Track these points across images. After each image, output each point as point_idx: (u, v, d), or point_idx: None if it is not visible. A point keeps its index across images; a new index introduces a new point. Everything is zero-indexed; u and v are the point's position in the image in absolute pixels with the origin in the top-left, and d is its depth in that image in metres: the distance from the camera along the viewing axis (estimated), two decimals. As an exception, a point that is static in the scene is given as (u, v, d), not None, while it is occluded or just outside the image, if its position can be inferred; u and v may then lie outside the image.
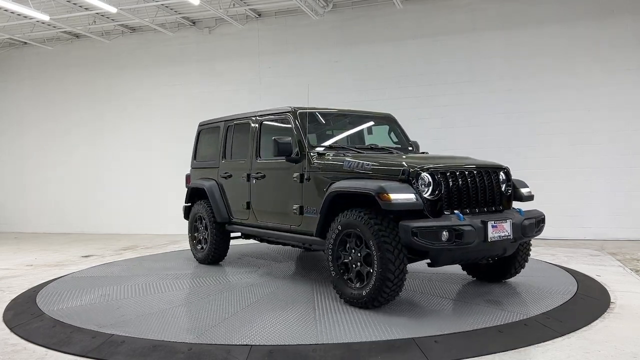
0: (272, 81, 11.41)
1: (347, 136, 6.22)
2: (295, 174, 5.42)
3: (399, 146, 6.19)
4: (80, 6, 10.62)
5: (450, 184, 4.54)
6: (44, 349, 3.91)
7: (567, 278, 5.72)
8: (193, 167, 7.58)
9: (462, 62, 10.14)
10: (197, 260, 7.20)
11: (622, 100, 9.26)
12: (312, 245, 5.54)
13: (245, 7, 10.88)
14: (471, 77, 10.08)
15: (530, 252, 5.45)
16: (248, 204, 6.25)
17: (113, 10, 9.94)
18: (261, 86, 11.48)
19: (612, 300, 4.87)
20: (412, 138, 6.82)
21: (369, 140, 6.24)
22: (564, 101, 9.56)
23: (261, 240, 6.71)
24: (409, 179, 4.43)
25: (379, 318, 4.26)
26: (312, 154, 5.34)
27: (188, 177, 7.66)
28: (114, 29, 12.28)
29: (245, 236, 6.83)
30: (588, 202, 9.42)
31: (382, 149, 5.86)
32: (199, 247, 7.19)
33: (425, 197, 4.41)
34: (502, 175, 4.97)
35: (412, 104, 10.36)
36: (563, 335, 3.89)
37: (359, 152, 5.46)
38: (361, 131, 6.37)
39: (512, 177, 5.13)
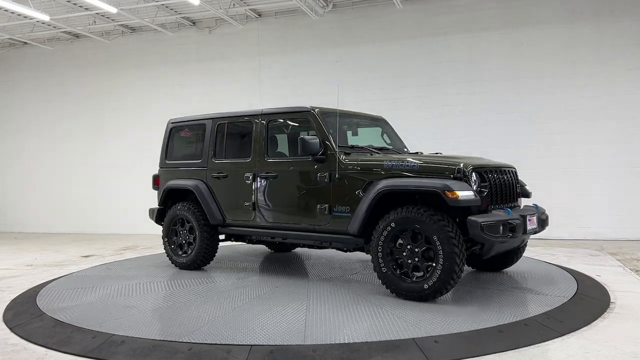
0: (272, 81, 11.41)
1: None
2: (323, 174, 5.39)
3: (391, 147, 6.21)
4: (80, 6, 10.63)
5: (492, 182, 4.89)
6: (44, 349, 3.90)
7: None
8: (163, 167, 7.08)
9: (462, 62, 10.14)
10: (177, 266, 6.69)
11: (622, 100, 9.26)
12: (332, 243, 5.55)
13: (245, 7, 10.89)
14: (471, 77, 10.08)
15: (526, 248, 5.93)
16: (254, 204, 6.07)
17: (113, 10, 9.94)
18: (261, 86, 11.48)
19: (612, 300, 4.86)
20: (412, 138, 6.84)
21: (352, 141, 6.14)
22: (564, 101, 9.57)
23: (256, 242, 6.60)
24: (463, 177, 4.64)
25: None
26: (340, 154, 5.34)
27: (157, 178, 7.16)
28: (114, 29, 12.29)
29: (236, 238, 6.60)
30: (588, 202, 9.43)
31: (388, 150, 5.99)
32: (180, 252, 6.69)
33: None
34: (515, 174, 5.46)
35: (412, 104, 10.37)
36: (563, 335, 3.89)
37: (376, 153, 5.59)
38: (345, 133, 6.33)
39: None
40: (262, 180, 5.96)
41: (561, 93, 9.58)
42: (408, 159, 4.99)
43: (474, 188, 4.66)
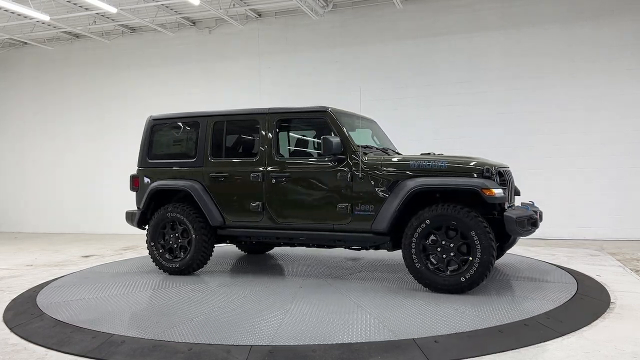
0: (272, 81, 11.41)
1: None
2: (344, 173, 5.41)
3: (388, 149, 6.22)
4: (80, 6, 10.64)
5: (507, 180, 5.23)
6: (44, 349, 3.90)
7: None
8: (145, 167, 6.67)
9: (462, 62, 10.14)
10: (167, 271, 6.31)
11: (622, 100, 9.27)
12: (347, 242, 5.54)
13: (245, 7, 10.89)
14: (471, 77, 10.08)
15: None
16: (263, 205, 5.87)
17: (113, 10, 9.95)
18: (261, 86, 11.48)
19: (612, 300, 4.86)
20: (411, 138, 6.84)
21: None
22: (564, 101, 9.57)
23: (257, 244, 6.55)
24: (492, 176, 4.95)
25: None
26: (361, 154, 5.41)
27: (136, 179, 6.70)
28: (114, 29, 12.29)
29: (231, 240, 6.41)
30: (588, 202, 9.43)
31: (387, 150, 6.05)
32: (169, 256, 6.32)
33: None
34: None
35: (412, 104, 10.37)
36: (563, 335, 3.89)
37: (384, 153, 5.82)
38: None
39: None
40: (273, 180, 5.78)
41: (561, 93, 9.58)
42: (436, 159, 5.18)
43: None
